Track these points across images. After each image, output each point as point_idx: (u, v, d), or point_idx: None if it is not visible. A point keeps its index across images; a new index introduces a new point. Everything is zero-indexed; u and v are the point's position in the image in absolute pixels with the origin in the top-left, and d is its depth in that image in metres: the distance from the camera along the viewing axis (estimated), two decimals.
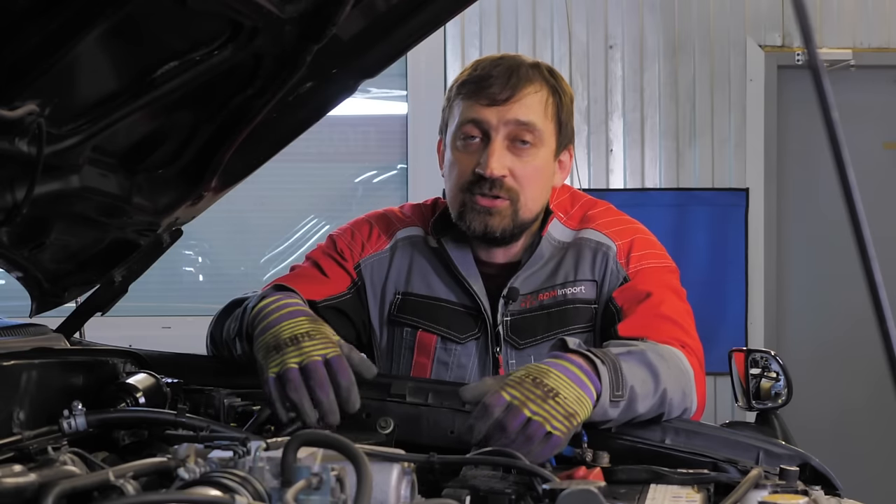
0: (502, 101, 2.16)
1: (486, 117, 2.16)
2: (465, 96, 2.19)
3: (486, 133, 2.17)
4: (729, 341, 4.76)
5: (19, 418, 1.55)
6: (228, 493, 1.24)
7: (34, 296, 2.19)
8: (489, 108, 2.16)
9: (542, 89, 2.19)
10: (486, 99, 2.16)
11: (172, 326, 5.32)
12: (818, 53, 1.22)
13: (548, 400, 1.73)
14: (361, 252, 2.31)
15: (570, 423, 1.74)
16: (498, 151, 2.15)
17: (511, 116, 2.16)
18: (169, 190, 2.03)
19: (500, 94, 2.16)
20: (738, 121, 5.57)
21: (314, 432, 1.39)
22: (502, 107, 2.16)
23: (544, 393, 1.74)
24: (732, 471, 1.76)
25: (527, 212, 2.20)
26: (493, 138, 2.16)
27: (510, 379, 1.78)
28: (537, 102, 2.18)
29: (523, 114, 2.16)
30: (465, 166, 2.18)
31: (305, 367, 1.80)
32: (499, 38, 5.53)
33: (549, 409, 1.73)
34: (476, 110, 2.17)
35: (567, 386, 1.76)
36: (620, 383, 1.82)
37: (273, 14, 1.65)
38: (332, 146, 5.66)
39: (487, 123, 2.16)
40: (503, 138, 2.16)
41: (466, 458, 1.67)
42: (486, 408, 1.74)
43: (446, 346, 2.25)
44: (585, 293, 2.23)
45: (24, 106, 1.54)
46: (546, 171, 2.23)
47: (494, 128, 2.16)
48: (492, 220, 2.18)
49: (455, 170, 2.21)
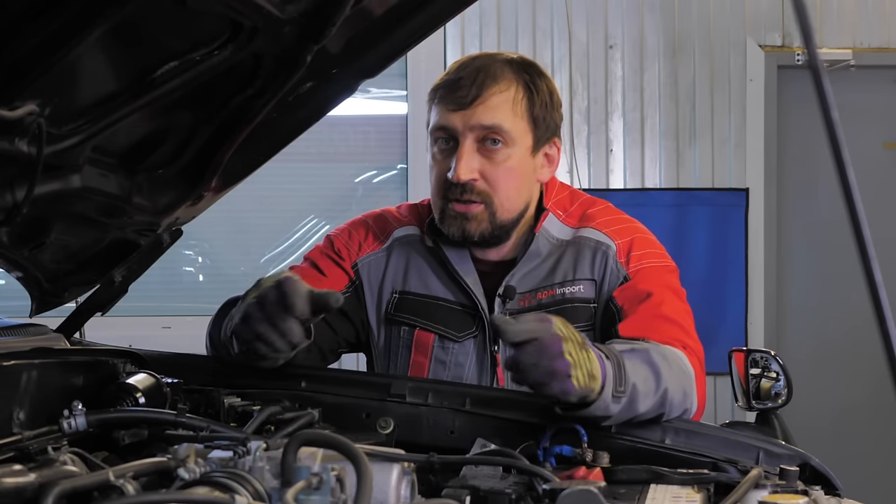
0: (467, 105, 2.16)
1: (452, 123, 2.17)
2: (437, 101, 2.21)
3: (455, 138, 2.18)
4: (729, 341, 4.76)
5: (19, 418, 1.55)
6: (228, 493, 1.24)
7: (34, 296, 2.19)
8: (455, 112, 2.17)
9: (509, 87, 2.19)
10: (452, 104, 2.17)
11: (172, 326, 5.32)
12: (818, 53, 1.22)
13: (583, 350, 1.75)
14: (359, 251, 2.31)
15: (589, 382, 1.74)
16: (465, 156, 2.16)
17: (475, 121, 2.16)
18: (169, 190, 2.03)
19: (466, 97, 2.16)
20: (738, 121, 5.57)
21: (314, 432, 1.40)
22: (467, 111, 2.16)
23: (582, 342, 1.77)
24: (732, 471, 1.76)
25: (504, 212, 2.20)
26: (460, 143, 2.17)
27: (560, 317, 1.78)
28: (504, 102, 2.18)
29: (488, 117, 2.16)
30: (440, 172, 2.20)
31: (260, 297, 1.85)
32: (499, 38, 5.53)
33: (582, 357, 1.74)
34: (445, 116, 2.18)
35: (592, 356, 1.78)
36: (623, 379, 1.82)
37: (273, 14, 1.65)
38: (332, 146, 5.65)
39: (454, 129, 2.17)
40: (472, 142, 2.17)
41: (466, 458, 1.67)
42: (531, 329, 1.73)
43: (444, 344, 2.25)
44: (584, 292, 2.23)
45: (24, 106, 1.54)
46: (522, 170, 2.22)
47: (461, 133, 2.17)
48: (468, 225, 2.18)
49: (431, 176, 2.23)
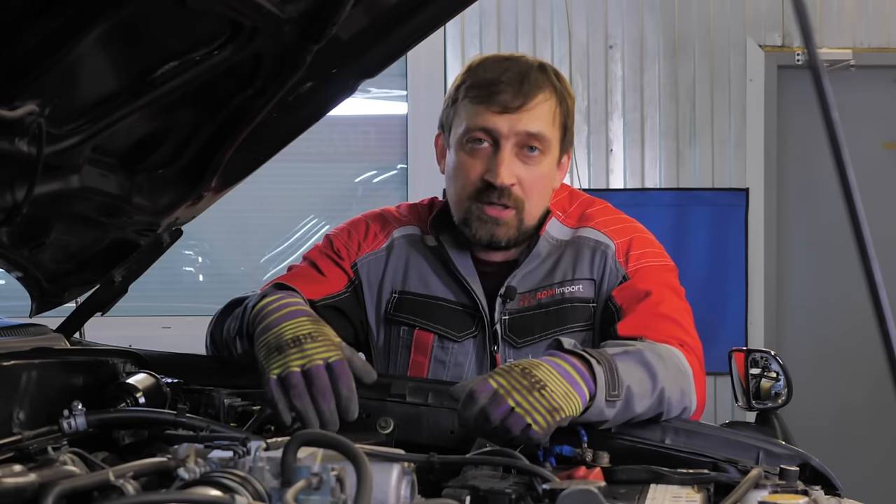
0: (514, 110, 2.14)
1: (496, 125, 2.14)
2: (473, 100, 2.17)
3: (496, 140, 2.16)
4: (729, 341, 4.76)
5: (19, 418, 1.55)
6: (228, 493, 1.24)
7: (34, 296, 2.19)
8: (500, 115, 2.14)
9: (551, 97, 2.18)
10: (496, 106, 2.14)
11: (172, 326, 5.32)
12: (818, 53, 1.22)
13: (533, 392, 1.74)
14: (358, 251, 2.31)
15: (552, 417, 1.74)
16: (507, 160, 2.14)
17: (522, 127, 2.14)
18: (169, 190, 2.03)
19: (512, 102, 2.14)
20: (738, 121, 5.57)
21: (314, 432, 1.40)
22: (513, 115, 2.14)
23: (531, 384, 1.75)
24: (732, 471, 1.76)
25: (530, 219, 2.21)
26: (502, 147, 2.15)
27: (500, 368, 1.80)
28: (547, 111, 2.17)
29: (534, 124, 2.15)
30: (473, 173, 2.17)
31: (308, 371, 1.78)
32: (499, 38, 5.53)
33: (532, 401, 1.73)
34: (486, 118, 2.15)
35: (556, 380, 1.77)
36: (616, 383, 1.82)
37: (273, 14, 1.65)
38: (332, 146, 5.65)
39: (498, 132, 2.15)
40: (512, 146, 2.15)
41: (466, 458, 1.67)
42: (472, 395, 1.76)
43: (443, 344, 2.25)
44: (584, 292, 2.23)
45: (24, 106, 1.54)
46: (550, 177, 2.23)
47: (505, 136, 2.14)
48: (498, 230, 2.18)
49: (461, 175, 2.19)
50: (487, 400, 1.74)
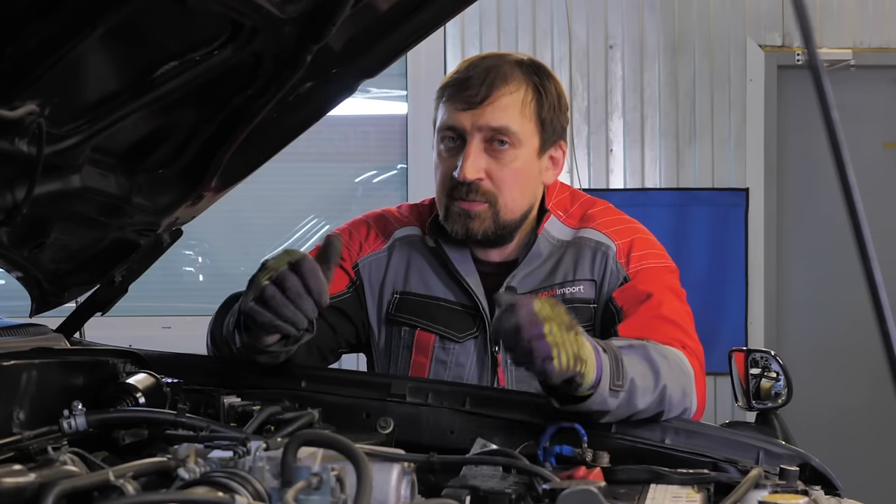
0: (476, 104, 2.16)
1: (460, 122, 2.17)
2: (446, 99, 2.21)
3: (462, 137, 2.18)
4: (729, 341, 4.76)
5: (19, 418, 1.55)
6: (228, 493, 1.24)
7: (34, 296, 2.19)
8: (464, 112, 2.17)
9: (519, 89, 2.19)
10: (461, 103, 2.17)
11: (172, 326, 5.32)
12: (818, 53, 1.22)
13: (570, 331, 1.74)
14: (359, 252, 2.31)
15: (574, 363, 1.73)
16: (472, 156, 2.16)
17: (484, 122, 2.16)
18: (169, 190, 2.03)
19: (475, 97, 2.16)
20: (738, 121, 5.57)
21: (314, 432, 1.40)
22: (476, 110, 2.16)
23: (570, 324, 1.75)
24: (732, 471, 1.76)
25: (508, 213, 2.20)
26: (467, 142, 2.17)
27: (548, 298, 1.81)
28: (513, 104, 2.18)
29: (496, 118, 2.16)
30: (446, 170, 2.21)
31: (277, 279, 1.83)
32: (499, 38, 5.53)
33: (566, 338, 1.73)
34: (452, 115, 2.19)
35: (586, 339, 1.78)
36: (621, 373, 1.82)
37: (273, 14, 1.65)
38: (332, 146, 5.66)
39: (462, 128, 2.17)
40: (479, 141, 2.17)
41: (466, 458, 1.67)
42: (514, 307, 1.74)
43: (444, 345, 2.25)
44: (584, 293, 2.23)
45: (24, 106, 1.55)
46: (528, 171, 2.22)
47: (469, 132, 2.17)
48: (472, 224, 2.19)
49: (437, 174, 2.24)
50: (527, 317, 1.72)
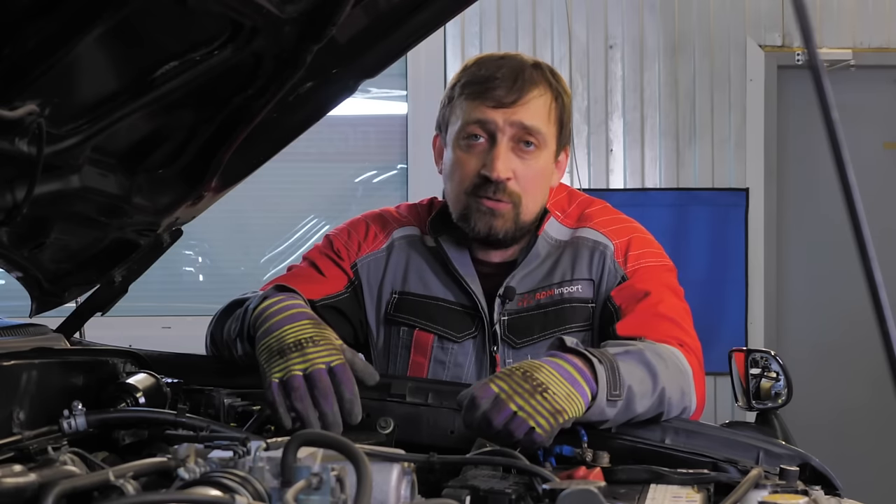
0: (509, 104, 2.15)
1: (492, 118, 2.16)
2: (469, 97, 2.19)
3: (492, 134, 2.17)
4: (729, 341, 4.77)
5: (19, 418, 1.55)
6: (228, 493, 1.24)
7: (34, 296, 2.19)
8: (495, 109, 2.16)
9: (546, 93, 2.19)
10: (491, 101, 2.16)
11: (172, 326, 5.32)
12: (818, 53, 1.22)
13: (535, 395, 1.74)
14: (358, 251, 2.31)
15: (555, 420, 1.74)
16: (503, 154, 2.15)
17: (517, 119, 2.15)
18: (169, 190, 2.03)
19: (507, 97, 2.15)
20: (738, 121, 5.57)
21: (314, 432, 1.40)
22: (508, 109, 2.15)
23: (532, 387, 1.75)
24: (732, 471, 1.76)
25: (528, 214, 2.21)
26: (498, 140, 2.16)
27: (501, 372, 1.80)
28: (541, 106, 2.18)
29: (528, 118, 2.16)
30: (470, 168, 2.18)
31: (310, 375, 1.78)
32: (499, 38, 5.53)
33: (535, 404, 1.73)
34: (482, 111, 2.17)
35: (558, 382, 1.77)
36: (618, 383, 1.82)
37: (273, 14, 1.65)
38: (332, 146, 5.66)
39: (493, 125, 2.16)
40: (508, 140, 2.16)
41: (466, 458, 1.67)
42: (474, 400, 1.75)
43: (443, 345, 2.25)
44: (582, 292, 2.23)
45: (24, 106, 1.55)
46: (546, 173, 2.23)
47: (500, 129, 2.16)
48: (496, 222, 2.18)
49: (458, 171, 2.20)
50: (489, 405, 1.74)
